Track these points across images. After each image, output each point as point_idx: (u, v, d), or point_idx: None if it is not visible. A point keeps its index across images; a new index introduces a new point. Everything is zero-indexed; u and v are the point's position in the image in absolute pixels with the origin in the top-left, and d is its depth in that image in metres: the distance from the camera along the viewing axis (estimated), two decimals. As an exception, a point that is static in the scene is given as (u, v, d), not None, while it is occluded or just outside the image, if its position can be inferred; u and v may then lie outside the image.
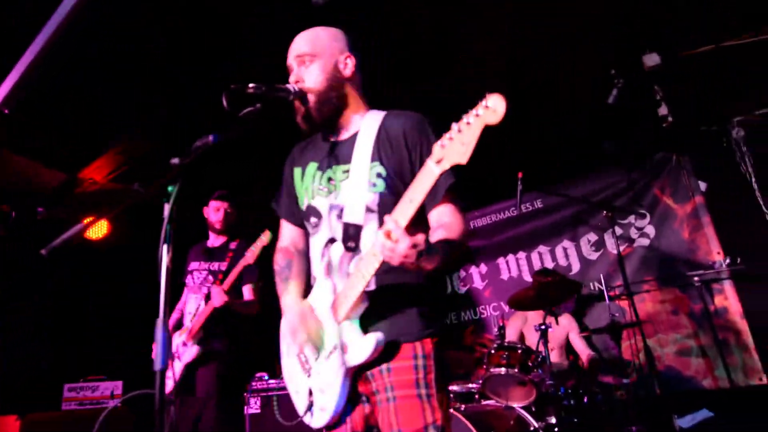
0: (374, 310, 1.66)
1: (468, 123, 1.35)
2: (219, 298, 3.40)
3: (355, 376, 1.69)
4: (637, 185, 5.19)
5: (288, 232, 2.04)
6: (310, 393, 1.73)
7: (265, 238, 3.39)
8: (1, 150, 4.06)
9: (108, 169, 4.74)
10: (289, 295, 1.86)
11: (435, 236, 1.62)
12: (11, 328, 4.91)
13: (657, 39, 3.48)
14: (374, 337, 1.60)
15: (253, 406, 4.66)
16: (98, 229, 5.43)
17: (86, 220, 1.49)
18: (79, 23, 2.84)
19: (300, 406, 1.78)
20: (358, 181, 1.74)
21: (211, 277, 3.67)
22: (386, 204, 1.69)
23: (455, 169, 1.47)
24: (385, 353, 1.63)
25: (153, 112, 4.08)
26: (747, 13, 3.37)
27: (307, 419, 1.74)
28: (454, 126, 1.38)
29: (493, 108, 1.30)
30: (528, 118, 4.58)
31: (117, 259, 5.43)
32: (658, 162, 5.14)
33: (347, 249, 1.69)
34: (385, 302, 1.67)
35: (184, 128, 3.90)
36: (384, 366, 1.64)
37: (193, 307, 3.63)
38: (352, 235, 1.70)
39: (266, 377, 4.82)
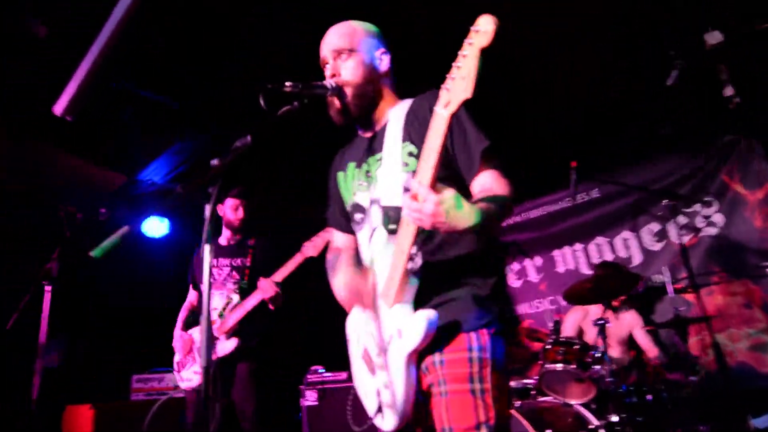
0: (426, 292, 1.56)
1: (464, 56, 1.29)
2: (270, 289, 3.43)
3: (417, 366, 1.58)
4: (702, 171, 4.89)
5: (338, 238, 2.03)
6: (378, 393, 1.64)
7: (327, 234, 3.36)
8: (65, 155, 4.30)
9: (166, 169, 4.94)
10: (338, 274, 1.84)
11: (473, 199, 1.53)
12: (82, 322, 5.22)
13: (719, 15, 3.25)
14: (424, 316, 1.49)
15: (310, 399, 4.74)
16: (159, 228, 5.67)
17: (132, 222, 1.54)
18: (136, 26, 2.95)
19: (370, 408, 1.71)
20: (392, 164, 1.71)
21: (235, 273, 3.67)
22: None
23: (488, 133, 1.40)
24: (439, 338, 1.53)
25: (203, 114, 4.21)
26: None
27: (378, 422, 1.65)
28: (454, 64, 1.32)
29: (483, 30, 1.25)
30: (581, 104, 4.41)
31: (181, 256, 5.66)
32: (726, 146, 4.81)
33: (390, 232, 1.63)
34: (435, 283, 1.58)
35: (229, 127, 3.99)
36: (437, 358, 1.54)
37: (219, 302, 3.61)
38: (392, 218, 1.64)
39: (321, 370, 4.89)
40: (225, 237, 3.86)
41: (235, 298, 3.57)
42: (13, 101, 3.72)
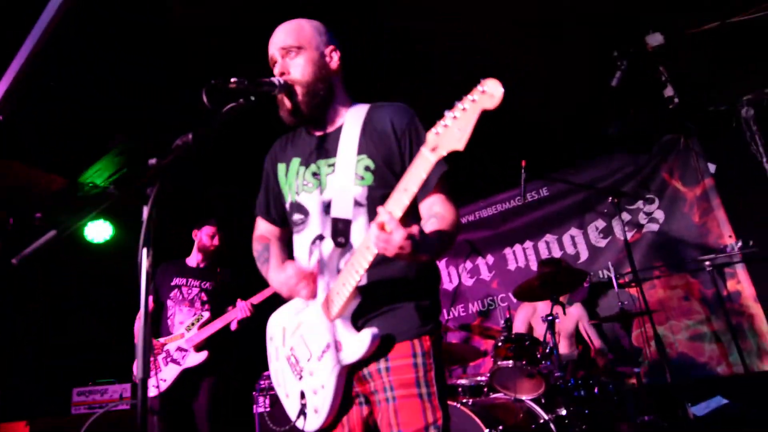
0: (367, 305, 1.61)
1: (464, 109, 1.30)
2: (247, 310, 3.75)
3: (350, 375, 1.63)
4: (644, 169, 5.09)
5: (262, 227, 2.00)
6: (302, 396, 1.68)
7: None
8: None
9: (108, 172, 4.72)
10: (272, 269, 1.82)
11: (427, 227, 1.56)
12: (16, 334, 4.93)
13: (660, 18, 3.38)
14: (369, 333, 1.54)
15: (262, 405, 4.66)
16: (102, 232, 5.42)
17: (58, 229, 1.45)
18: (67, 25, 2.80)
19: (292, 410, 1.73)
20: (345, 174, 1.68)
21: (204, 294, 4.00)
22: (375, 197, 1.65)
23: (448, 158, 1.42)
24: (381, 349, 1.58)
25: (149, 113, 4.06)
26: (753, -13, 3.26)
27: (299, 423, 1.69)
28: (449, 113, 1.32)
29: (490, 93, 1.26)
30: (529, 104, 4.49)
31: (122, 261, 5.42)
32: (666, 144, 5.03)
33: (337, 245, 1.62)
34: (378, 297, 1.62)
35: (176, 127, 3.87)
36: (382, 365, 1.58)
37: (187, 318, 3.91)
38: (341, 231, 1.63)
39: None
40: (195, 259, 4.13)
41: (206, 315, 3.88)
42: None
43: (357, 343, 1.55)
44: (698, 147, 4.85)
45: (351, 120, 1.77)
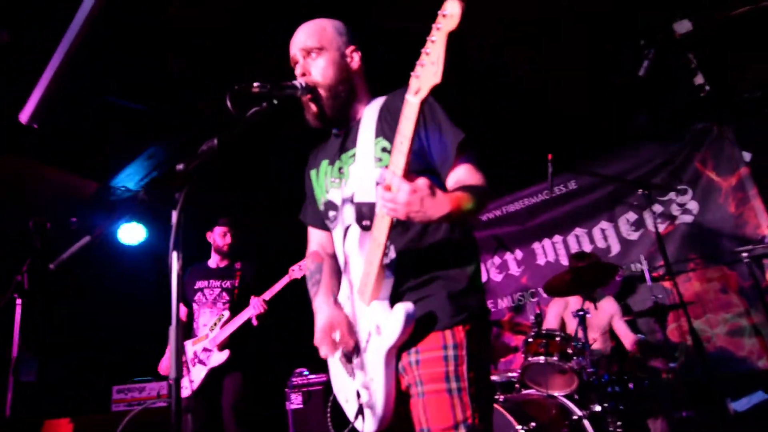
0: (400, 286, 1.54)
1: (432, 41, 1.28)
2: (260, 306, 3.83)
3: (395, 363, 1.55)
4: (676, 159, 4.95)
5: (315, 236, 1.99)
6: (358, 395, 1.60)
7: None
8: (32, 163, 4.20)
9: (139, 175, 4.84)
10: (318, 297, 1.80)
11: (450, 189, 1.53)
12: (57, 335, 5.10)
13: (688, 4, 3.28)
14: (403, 309, 1.45)
15: (295, 402, 4.72)
16: (135, 235, 5.56)
17: (94, 233, 1.50)
18: (96, 34, 2.88)
19: (350, 412, 1.66)
20: (364, 159, 1.68)
21: (225, 294, 4.11)
22: None
23: (463, 125, 1.39)
24: (417, 334, 1.50)
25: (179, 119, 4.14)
26: (787, -33, 3.13)
27: (359, 425, 1.60)
28: (422, 52, 1.30)
29: (450, 13, 1.24)
30: (555, 96, 4.43)
31: (156, 263, 5.56)
32: (698, 133, 4.88)
33: (363, 228, 1.60)
34: (409, 276, 1.56)
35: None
36: (413, 358, 1.52)
37: (209, 319, 4.04)
38: (366, 214, 1.60)
39: (306, 372, 4.86)
40: (214, 261, 4.25)
41: (226, 314, 3.97)
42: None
43: (393, 320, 1.46)
44: (732, 135, 4.70)
45: (369, 112, 1.77)
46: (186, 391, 3.80)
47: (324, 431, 4.14)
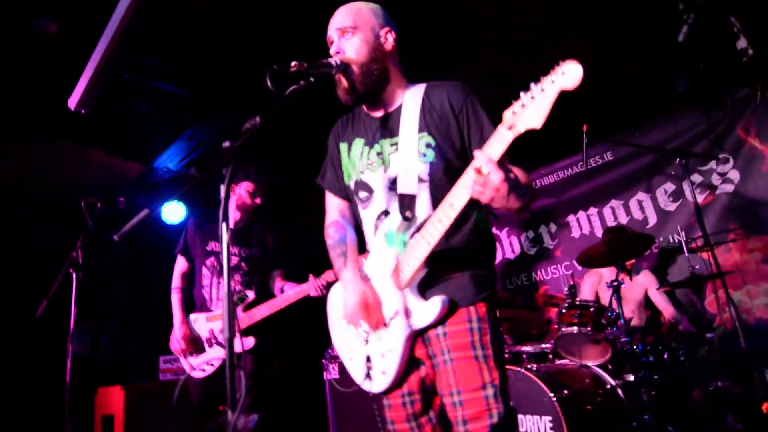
0: (431, 275, 1.71)
1: (542, 90, 1.36)
2: (320, 289, 3.27)
3: (414, 340, 1.75)
4: (717, 127, 4.80)
5: (335, 204, 2.07)
6: (368, 359, 1.81)
7: (332, 275, 3.23)
8: (83, 148, 4.40)
9: (179, 156, 5.01)
10: (347, 271, 1.90)
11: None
12: (108, 307, 5.38)
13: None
14: (440, 300, 1.65)
15: (333, 372, 4.87)
16: (178, 213, 5.75)
17: (150, 206, 1.60)
18: (141, 17, 2.98)
19: (357, 373, 1.86)
20: (408, 152, 1.77)
21: (244, 264, 3.45)
22: (437, 173, 1.75)
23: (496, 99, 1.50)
24: (447, 311, 1.69)
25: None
26: None
27: (366, 386, 1.82)
28: (526, 93, 1.39)
29: (571, 75, 1.32)
30: (590, 64, 4.33)
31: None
32: (741, 100, 4.71)
33: (405, 219, 1.74)
34: (440, 268, 1.72)
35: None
36: (440, 330, 1.69)
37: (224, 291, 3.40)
38: (407, 205, 1.74)
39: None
40: (233, 218, 3.55)
41: (251, 295, 3.35)
42: (32, 100, 3.80)
43: (428, 310, 1.67)
44: (777, 100, 4.53)
45: (410, 100, 1.84)
46: (203, 373, 3.33)
47: (361, 399, 4.25)
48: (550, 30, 3.90)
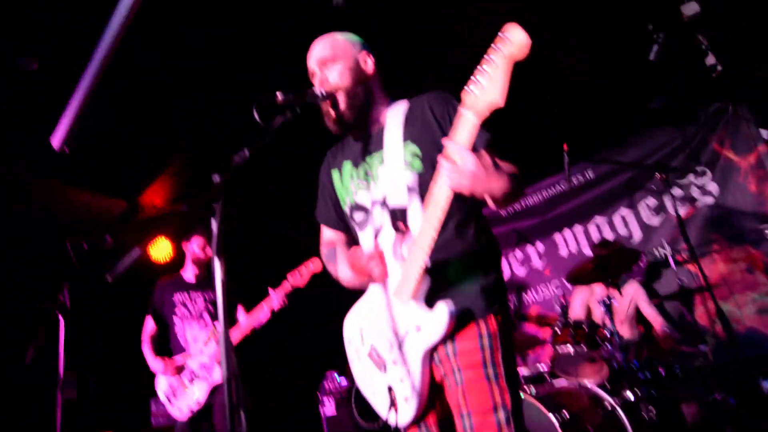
0: (436, 287, 1.63)
1: (493, 62, 1.32)
2: (280, 300, 3.65)
3: (430, 360, 1.64)
4: (692, 141, 4.93)
5: (327, 235, 2.07)
6: (390, 389, 1.69)
7: (313, 265, 3.70)
8: (67, 188, 4.33)
9: (166, 192, 4.96)
10: (340, 265, 1.86)
11: None
12: (96, 350, 5.23)
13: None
14: (445, 306, 1.55)
15: (329, 407, 4.75)
16: (163, 252, 5.67)
17: (141, 245, 1.58)
18: (122, 58, 2.99)
19: (381, 406, 1.74)
20: (394, 163, 1.75)
21: (211, 306, 3.90)
22: (425, 182, 1.67)
23: (490, 126, 1.43)
24: (456, 324, 1.59)
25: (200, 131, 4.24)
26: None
27: (391, 419, 1.68)
28: (478, 68, 1.35)
29: (516, 41, 1.28)
30: (567, 85, 4.44)
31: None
32: (713, 114, 4.86)
33: (397, 231, 1.70)
34: (444, 278, 1.65)
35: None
36: (450, 349, 1.61)
37: (199, 333, 3.81)
38: (399, 218, 1.70)
39: (336, 375, 4.90)
40: (191, 272, 4.05)
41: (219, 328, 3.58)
42: (17, 139, 3.76)
43: (436, 320, 1.56)
44: (748, 114, 4.66)
45: (393, 115, 1.85)
46: (185, 415, 3.61)
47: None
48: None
